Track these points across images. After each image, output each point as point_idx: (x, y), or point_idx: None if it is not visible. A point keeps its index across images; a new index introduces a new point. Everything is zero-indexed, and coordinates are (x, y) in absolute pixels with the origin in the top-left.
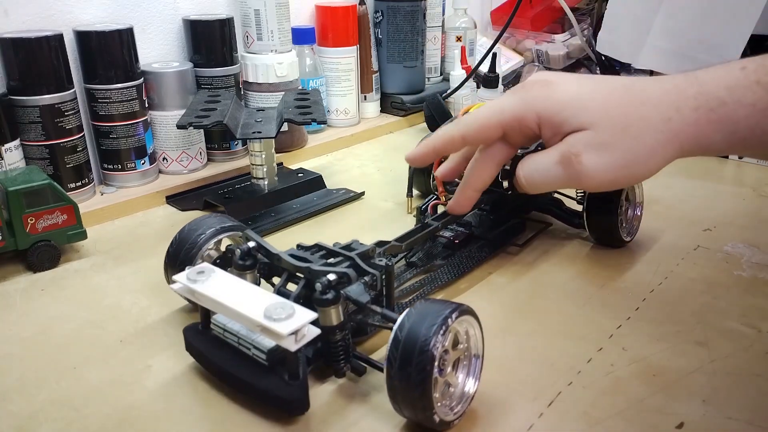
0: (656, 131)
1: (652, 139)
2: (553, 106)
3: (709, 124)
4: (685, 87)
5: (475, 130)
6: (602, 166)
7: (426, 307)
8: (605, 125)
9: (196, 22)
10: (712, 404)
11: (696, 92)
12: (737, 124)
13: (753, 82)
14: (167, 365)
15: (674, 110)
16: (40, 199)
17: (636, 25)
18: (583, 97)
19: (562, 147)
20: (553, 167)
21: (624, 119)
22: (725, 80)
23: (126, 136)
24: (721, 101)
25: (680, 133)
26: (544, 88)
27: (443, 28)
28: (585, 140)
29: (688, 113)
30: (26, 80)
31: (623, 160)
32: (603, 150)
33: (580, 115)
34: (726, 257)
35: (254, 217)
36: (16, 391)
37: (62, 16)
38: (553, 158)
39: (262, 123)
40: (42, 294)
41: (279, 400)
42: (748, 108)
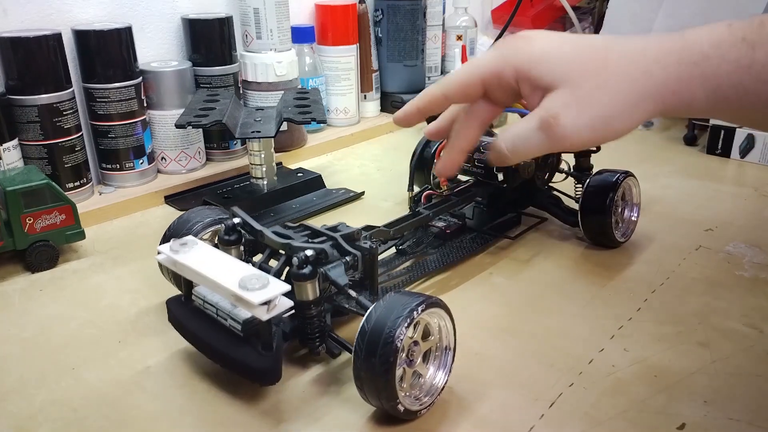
0: (636, 84)
1: (632, 92)
2: (530, 60)
3: (691, 78)
4: (669, 42)
5: (455, 87)
6: (581, 125)
7: (395, 299)
8: (582, 81)
9: (195, 21)
10: (713, 405)
11: (680, 47)
12: (720, 79)
13: (738, 39)
14: (166, 366)
15: (655, 63)
16: (39, 199)
17: (637, 24)
18: (562, 50)
19: (541, 112)
20: (535, 134)
21: (601, 73)
22: (710, 36)
23: (124, 135)
24: (705, 55)
25: (661, 86)
26: (522, 42)
27: (444, 27)
28: (562, 100)
29: (669, 67)
30: (25, 79)
31: (602, 117)
32: (581, 107)
33: (556, 70)
34: (727, 257)
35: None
36: (15, 391)
37: (61, 15)
38: (533, 124)
39: (261, 122)
40: (41, 294)
41: (251, 370)
42: (732, 64)
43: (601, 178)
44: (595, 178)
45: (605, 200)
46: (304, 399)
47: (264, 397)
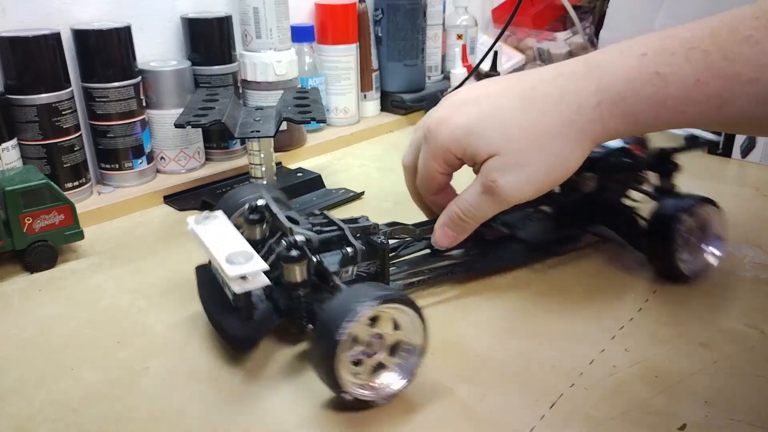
0: (563, 136)
1: (561, 144)
2: (457, 143)
3: (612, 117)
4: (585, 83)
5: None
6: (520, 184)
7: (356, 290)
8: (509, 148)
9: (195, 21)
10: (714, 406)
11: (596, 88)
12: (638, 116)
13: (652, 74)
14: (165, 366)
15: (575, 112)
16: (38, 198)
17: (638, 23)
18: (482, 125)
19: (480, 178)
20: (481, 198)
21: (525, 137)
22: (624, 72)
23: (123, 135)
24: (621, 96)
25: (586, 130)
26: (443, 127)
27: (444, 26)
28: (496, 166)
29: (589, 111)
30: (23, 79)
31: (539, 172)
32: (515, 170)
33: (482, 145)
34: (729, 258)
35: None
36: (14, 392)
37: (60, 14)
38: (477, 190)
39: (260, 122)
40: (39, 294)
41: (227, 336)
42: (647, 101)
43: (675, 201)
44: (668, 201)
45: (671, 226)
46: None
47: (264, 398)
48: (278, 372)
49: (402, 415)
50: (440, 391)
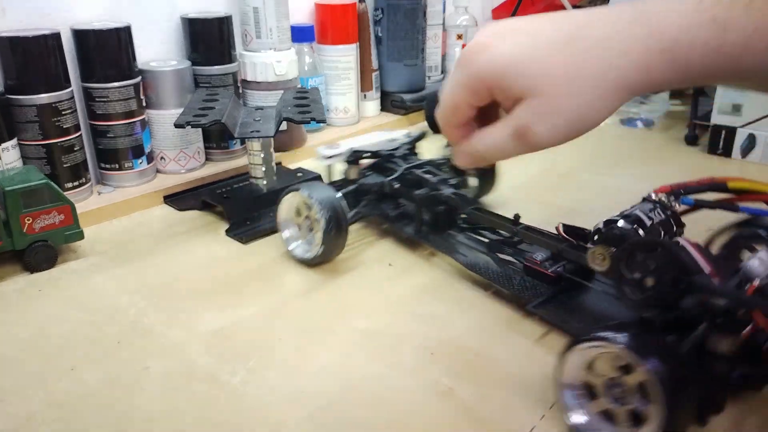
0: (603, 81)
1: (600, 90)
2: (494, 75)
3: (660, 65)
4: (634, 28)
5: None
6: (554, 129)
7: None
8: (548, 90)
9: (195, 21)
10: None
11: (647, 32)
12: (690, 62)
13: (708, 20)
14: (165, 366)
15: (619, 56)
16: (38, 198)
17: None
18: (523, 59)
19: (513, 121)
20: (510, 141)
21: (568, 78)
22: (679, 17)
23: (123, 135)
24: (674, 41)
25: (629, 78)
26: (483, 55)
27: (444, 26)
28: (532, 110)
29: (637, 57)
30: (23, 79)
31: (573, 119)
32: (551, 116)
33: (521, 81)
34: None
35: (253, 217)
36: (14, 392)
37: (60, 14)
38: (507, 132)
39: (260, 122)
40: (39, 294)
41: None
42: (702, 47)
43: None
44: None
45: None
46: None
47: (264, 398)
48: (278, 372)
49: (402, 415)
50: (440, 391)
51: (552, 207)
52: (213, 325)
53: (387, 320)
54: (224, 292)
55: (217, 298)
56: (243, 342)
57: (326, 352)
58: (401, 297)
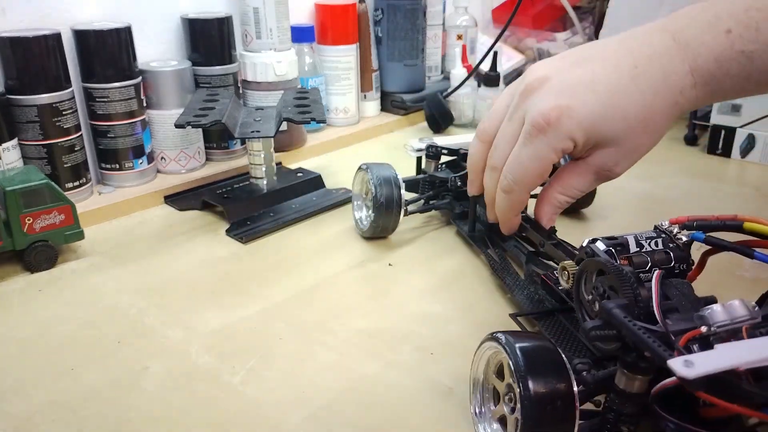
0: (667, 116)
1: (664, 123)
2: (583, 134)
3: (704, 96)
4: (681, 63)
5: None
6: (629, 165)
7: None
8: (629, 136)
9: (195, 21)
10: None
11: (691, 68)
12: (725, 91)
13: (738, 53)
14: (165, 367)
15: (679, 94)
16: (38, 198)
17: (638, 23)
18: (605, 115)
19: (595, 167)
20: (593, 183)
21: (643, 123)
22: (713, 53)
23: (124, 135)
24: (712, 75)
25: (682, 109)
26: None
27: (444, 26)
28: (614, 156)
29: (688, 93)
30: (24, 79)
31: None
32: (631, 154)
33: (608, 135)
34: (729, 258)
35: (253, 217)
36: (14, 392)
37: (60, 14)
38: (590, 177)
39: (260, 122)
40: (39, 295)
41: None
42: (734, 78)
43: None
44: None
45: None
46: None
47: (264, 398)
48: (278, 372)
49: (402, 415)
50: (440, 391)
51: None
52: (213, 325)
53: (387, 320)
54: (224, 292)
55: (218, 298)
56: (243, 342)
57: (326, 352)
58: (401, 297)
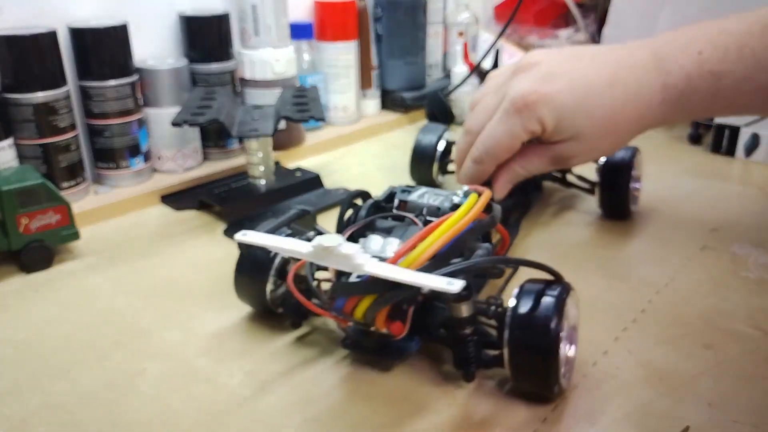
0: (631, 125)
1: (627, 132)
2: (553, 122)
3: (672, 112)
4: (655, 77)
5: (504, 158)
6: (584, 160)
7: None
8: (591, 134)
9: (192, 18)
10: (718, 408)
11: (662, 84)
12: (693, 107)
13: (707, 72)
14: (162, 368)
15: (646, 106)
16: (34, 198)
17: (641, 20)
18: (576, 108)
19: (553, 153)
20: (547, 165)
21: (607, 125)
22: (684, 71)
23: (120, 134)
24: (681, 92)
25: (647, 121)
26: (544, 106)
27: (445, 24)
28: (575, 148)
29: (656, 107)
30: (19, 78)
31: (602, 151)
32: (589, 152)
33: (572, 129)
34: (733, 258)
35: (251, 216)
36: (10, 394)
37: (56, 12)
38: (546, 161)
39: (259, 120)
40: (35, 296)
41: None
42: (702, 94)
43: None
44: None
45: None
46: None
47: (262, 400)
48: (277, 374)
49: (403, 416)
50: (441, 393)
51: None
52: (211, 327)
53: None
54: (222, 293)
55: (215, 299)
56: (241, 343)
57: (326, 353)
58: None
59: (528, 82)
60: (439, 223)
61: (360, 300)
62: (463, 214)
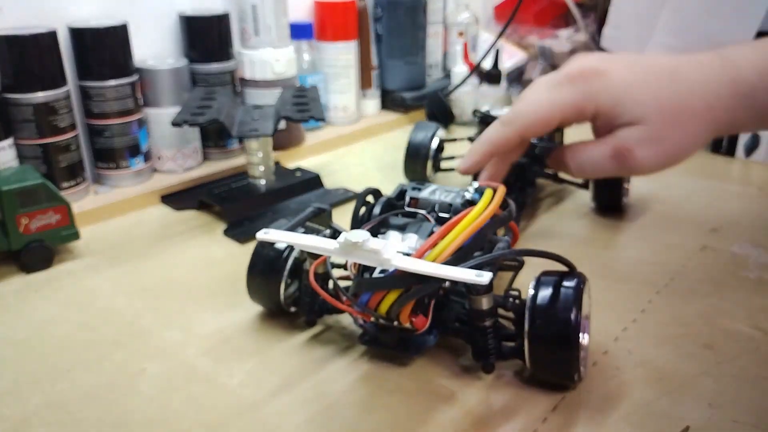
0: (701, 120)
1: (697, 127)
2: (610, 99)
3: (743, 109)
4: (722, 72)
5: (537, 129)
6: (653, 158)
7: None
8: (657, 119)
9: (192, 18)
10: (718, 407)
11: (732, 78)
12: (764, 106)
13: None
14: (162, 368)
15: (715, 98)
16: (34, 198)
17: (641, 20)
18: (636, 89)
19: (615, 142)
20: (606, 160)
21: (674, 112)
22: (757, 65)
23: (120, 134)
24: (753, 87)
25: (718, 118)
26: (599, 79)
27: (445, 24)
28: (637, 135)
29: (726, 100)
30: (19, 78)
31: (672, 150)
32: (654, 144)
33: (635, 110)
34: (733, 258)
35: (251, 217)
36: (10, 394)
37: (56, 12)
38: (606, 152)
39: (259, 120)
40: (35, 296)
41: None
42: None
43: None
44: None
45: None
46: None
47: (263, 400)
48: (277, 374)
49: (403, 417)
50: (442, 394)
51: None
52: (211, 327)
53: None
54: (222, 292)
55: (215, 299)
56: (241, 343)
57: (326, 354)
58: None
59: (585, 59)
60: (460, 218)
61: (385, 295)
62: (483, 209)
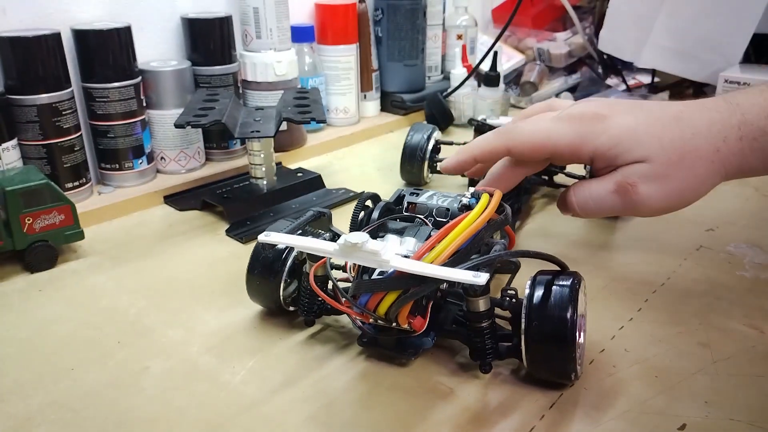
0: (707, 161)
1: (703, 168)
2: (609, 141)
3: (752, 152)
4: (729, 116)
5: (525, 150)
6: (657, 196)
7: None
8: (661, 158)
9: (195, 21)
10: (714, 405)
11: (739, 121)
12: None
13: None
14: (165, 367)
15: (722, 141)
16: (38, 198)
17: (638, 23)
18: (639, 131)
19: (618, 177)
20: (609, 196)
21: (678, 152)
22: (764, 108)
23: (124, 135)
24: (762, 131)
25: (726, 161)
26: (600, 123)
27: (444, 26)
28: (641, 172)
29: (733, 143)
30: (24, 79)
31: (677, 190)
32: (658, 181)
33: (636, 150)
34: (729, 257)
35: (253, 217)
36: (13, 392)
37: (60, 14)
38: (609, 188)
39: (260, 122)
40: (39, 295)
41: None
42: None
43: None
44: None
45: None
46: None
47: (264, 398)
48: (279, 372)
49: (403, 415)
50: (440, 391)
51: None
52: (213, 325)
53: None
54: (224, 291)
55: (218, 297)
56: (243, 342)
57: (326, 352)
58: None
59: (588, 104)
60: (457, 222)
61: (384, 296)
62: (480, 212)
